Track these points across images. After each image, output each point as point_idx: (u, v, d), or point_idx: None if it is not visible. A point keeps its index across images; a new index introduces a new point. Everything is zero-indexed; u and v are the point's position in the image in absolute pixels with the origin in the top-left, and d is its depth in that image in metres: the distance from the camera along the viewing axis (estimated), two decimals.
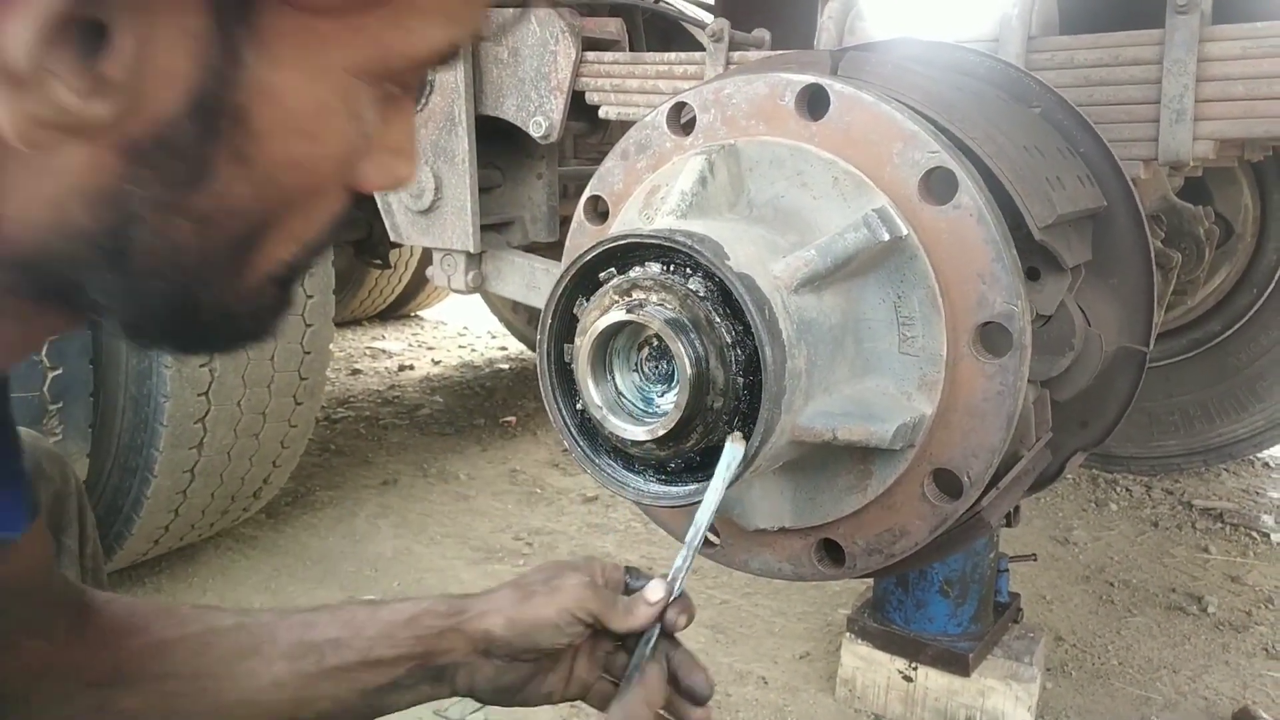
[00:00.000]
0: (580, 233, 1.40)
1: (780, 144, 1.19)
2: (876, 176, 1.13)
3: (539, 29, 2.23)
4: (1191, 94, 1.59)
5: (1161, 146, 1.62)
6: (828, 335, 1.09)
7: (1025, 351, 1.11)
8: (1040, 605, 2.62)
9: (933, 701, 2.06)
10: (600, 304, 1.06)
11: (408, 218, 2.47)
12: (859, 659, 2.12)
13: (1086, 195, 1.43)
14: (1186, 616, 2.60)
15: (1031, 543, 3.00)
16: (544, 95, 2.25)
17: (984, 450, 1.13)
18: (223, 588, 2.64)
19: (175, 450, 2.26)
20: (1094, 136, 1.50)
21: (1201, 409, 3.43)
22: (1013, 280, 1.09)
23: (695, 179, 1.15)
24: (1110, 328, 1.48)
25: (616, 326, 1.05)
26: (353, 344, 5.64)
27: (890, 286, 1.13)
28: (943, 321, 1.11)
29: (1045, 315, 1.35)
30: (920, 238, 1.11)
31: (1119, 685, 2.27)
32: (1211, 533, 3.17)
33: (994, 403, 1.11)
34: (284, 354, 2.44)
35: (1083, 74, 1.68)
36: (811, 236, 1.12)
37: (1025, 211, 1.20)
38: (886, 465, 1.15)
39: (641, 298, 1.03)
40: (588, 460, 1.12)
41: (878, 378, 1.14)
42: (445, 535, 3.03)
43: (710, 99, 1.25)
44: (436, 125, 2.35)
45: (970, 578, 2.02)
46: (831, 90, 1.16)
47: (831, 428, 1.06)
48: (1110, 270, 1.49)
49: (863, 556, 1.22)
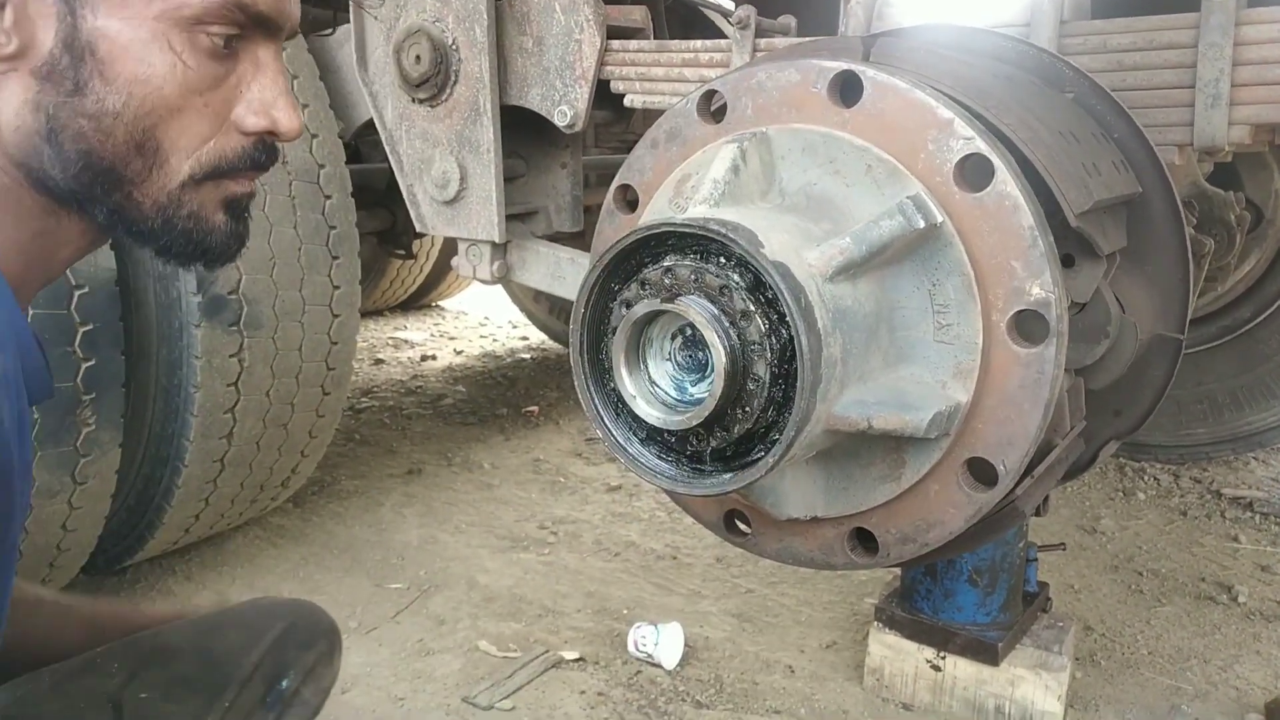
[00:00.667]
0: (610, 222, 1.40)
1: (813, 131, 1.18)
2: (910, 164, 1.12)
3: (563, 17, 2.23)
4: (1227, 78, 1.57)
5: (1197, 131, 1.60)
6: (862, 323, 1.08)
7: (1061, 339, 1.10)
8: (1069, 594, 2.60)
9: (961, 691, 2.05)
10: (634, 293, 1.06)
11: (433, 208, 2.48)
12: (887, 648, 2.12)
13: (1122, 181, 1.41)
14: (1216, 606, 2.58)
15: (1059, 532, 2.98)
16: (569, 84, 2.25)
17: (1019, 439, 1.12)
18: (251, 576, 2.66)
19: (205, 440, 2.28)
20: (1128, 122, 1.49)
21: (1230, 397, 3.39)
22: (1049, 267, 1.08)
23: (727, 167, 1.14)
24: (1145, 315, 1.46)
25: (650, 316, 1.05)
26: (375, 334, 5.67)
27: (925, 274, 1.12)
28: (978, 309, 1.10)
29: (1080, 303, 1.34)
30: (955, 225, 1.10)
31: (1149, 675, 2.26)
32: (1241, 522, 3.14)
33: (1030, 391, 1.10)
34: (311, 345, 2.46)
35: (1116, 58, 1.66)
36: (845, 225, 1.12)
37: (1061, 198, 1.19)
38: (921, 454, 1.15)
39: (675, 287, 1.03)
40: (619, 449, 1.13)
41: (912, 366, 1.13)
42: (470, 524, 3.05)
43: (741, 86, 1.25)
44: (461, 115, 2.35)
45: (999, 567, 2.01)
46: (865, 77, 1.16)
47: (867, 416, 1.05)
48: (1145, 257, 1.47)
49: (896, 546, 1.22)
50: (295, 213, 2.38)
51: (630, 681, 2.19)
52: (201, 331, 2.18)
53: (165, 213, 0.87)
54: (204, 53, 0.84)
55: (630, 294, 1.07)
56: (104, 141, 0.83)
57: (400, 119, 2.47)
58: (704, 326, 0.99)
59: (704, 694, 2.15)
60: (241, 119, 0.88)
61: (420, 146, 2.45)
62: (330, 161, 2.50)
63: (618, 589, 2.64)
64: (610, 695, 2.13)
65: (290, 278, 2.37)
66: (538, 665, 2.23)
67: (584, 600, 2.57)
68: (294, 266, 2.37)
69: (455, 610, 2.51)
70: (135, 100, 0.83)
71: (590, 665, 2.26)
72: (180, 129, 0.86)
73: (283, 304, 2.35)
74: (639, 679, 2.20)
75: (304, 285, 2.40)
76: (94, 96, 0.82)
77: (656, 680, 2.19)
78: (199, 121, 0.87)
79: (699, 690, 2.16)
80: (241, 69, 0.88)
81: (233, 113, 0.88)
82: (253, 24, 0.87)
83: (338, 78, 2.66)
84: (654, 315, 1.05)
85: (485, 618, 2.47)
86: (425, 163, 2.45)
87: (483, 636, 2.37)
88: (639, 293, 1.06)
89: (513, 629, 2.42)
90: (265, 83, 0.89)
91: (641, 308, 1.05)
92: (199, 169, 0.88)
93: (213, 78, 0.86)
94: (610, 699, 2.12)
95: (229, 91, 0.87)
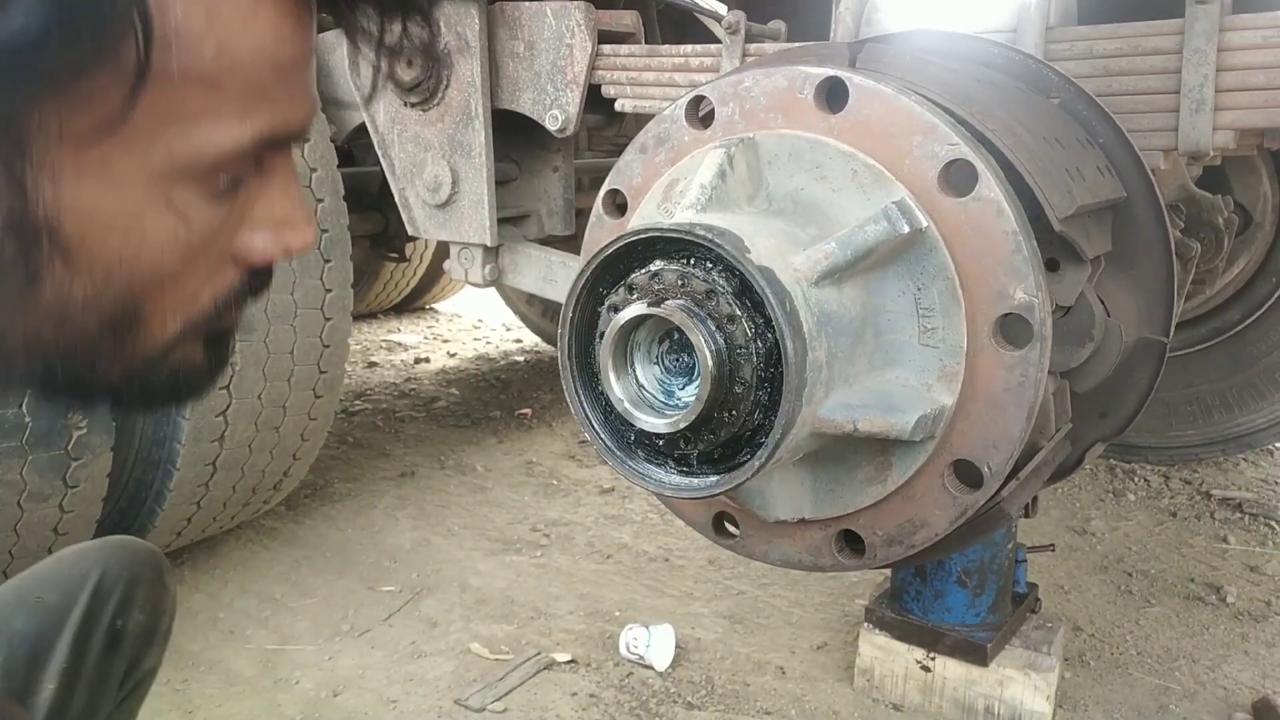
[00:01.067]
0: (599, 226, 1.41)
1: (799, 137, 1.19)
2: (896, 169, 1.13)
3: (554, 22, 2.24)
4: (1211, 84, 1.59)
5: (1181, 136, 1.62)
6: (848, 327, 1.09)
7: (1045, 343, 1.11)
8: (1058, 595, 2.62)
9: (951, 691, 2.06)
10: (622, 297, 1.07)
11: (425, 212, 2.49)
12: (877, 649, 2.13)
13: (1106, 186, 1.43)
14: (1205, 606, 2.60)
15: (1049, 533, 3.00)
16: (560, 89, 2.26)
17: (1004, 441, 1.13)
18: (244, 579, 2.66)
19: (197, 443, 2.28)
20: (1113, 127, 1.50)
21: (1220, 399, 3.41)
22: (1033, 272, 1.09)
23: (714, 172, 1.15)
24: (1130, 318, 1.47)
25: (638, 320, 1.06)
26: (369, 337, 5.67)
27: (910, 279, 1.13)
28: (963, 313, 1.11)
29: (1065, 306, 1.35)
30: (940, 230, 1.11)
31: (1138, 675, 2.27)
32: (1230, 523, 3.15)
33: (1014, 394, 1.12)
34: (303, 348, 2.46)
35: (1102, 64, 1.68)
36: (831, 229, 1.13)
37: (1045, 203, 1.20)
38: (907, 456, 1.16)
39: (662, 291, 1.04)
40: (608, 452, 1.13)
41: (898, 369, 1.15)
42: (463, 527, 3.05)
43: (729, 92, 1.26)
44: (453, 119, 2.36)
45: (988, 568, 2.02)
46: (850, 83, 1.17)
47: (852, 419, 1.06)
48: (1130, 261, 1.48)
49: (883, 547, 1.23)
50: None
51: (622, 683, 2.20)
52: None
53: (138, 378, 0.68)
54: (212, 196, 0.63)
55: (618, 298, 1.08)
56: (69, 336, 0.63)
57: (392, 123, 2.48)
58: (690, 330, 1.00)
59: (695, 695, 2.16)
60: (247, 250, 0.68)
61: (412, 150, 2.46)
62: (322, 165, 2.50)
63: (610, 591, 2.65)
64: (602, 697, 2.14)
65: (282, 281, 2.37)
66: (530, 667, 2.24)
67: (576, 602, 2.58)
68: (286, 270, 2.38)
69: (448, 613, 2.51)
70: (118, 283, 0.62)
71: (582, 667, 2.26)
72: (174, 294, 0.66)
73: (274, 307, 2.35)
74: (631, 681, 2.21)
75: (296, 288, 2.41)
76: (55, 289, 0.60)
77: (648, 682, 2.20)
78: (196, 276, 0.66)
79: (690, 692, 2.17)
80: (246, 189, 0.66)
81: (234, 243, 0.67)
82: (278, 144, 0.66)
83: (330, 81, 2.66)
84: (641, 319, 1.06)
85: (478, 620, 2.48)
86: (417, 166, 2.46)
87: (475, 639, 2.38)
88: (626, 297, 1.07)
89: (505, 631, 2.42)
90: (276, 198, 0.68)
91: (629, 312, 1.06)
92: (190, 325, 0.68)
93: (220, 221, 0.65)
94: (602, 700, 2.12)
95: (233, 226, 0.66)
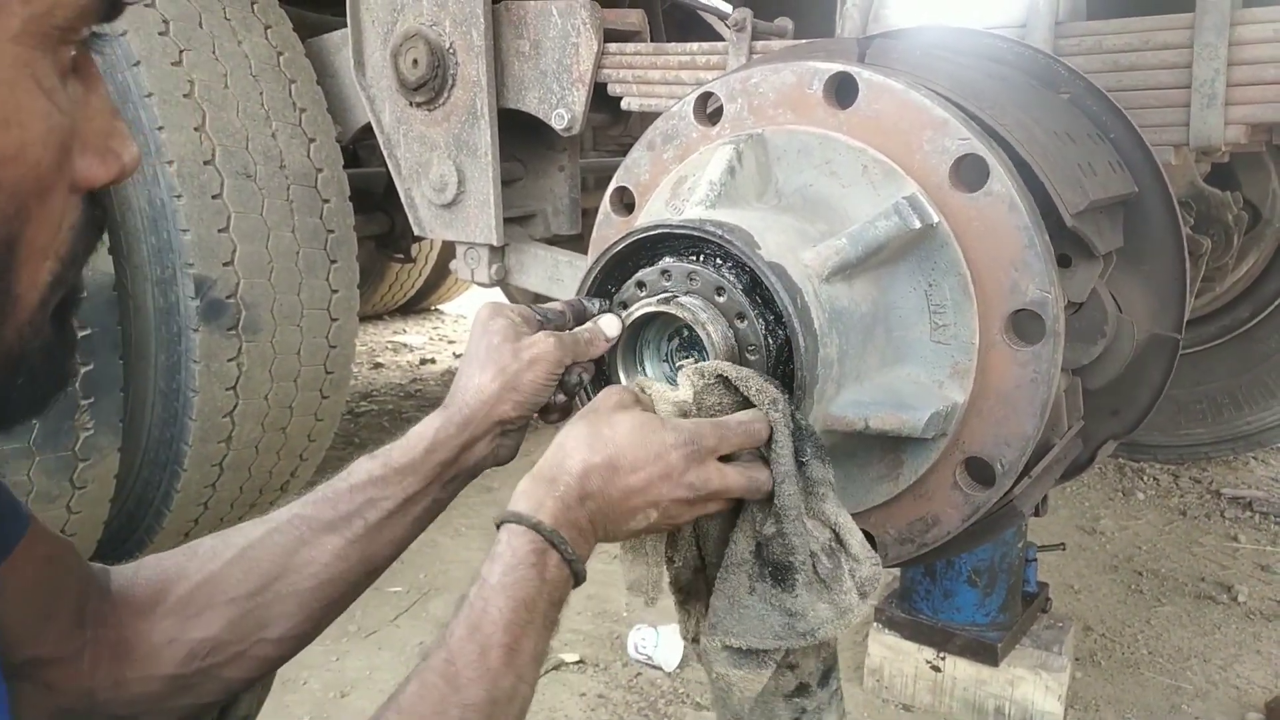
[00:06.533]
0: (607, 224, 1.40)
1: (808, 133, 1.18)
2: (906, 164, 1.12)
3: (560, 21, 2.23)
4: (1223, 78, 1.57)
5: (1193, 131, 1.61)
6: (859, 324, 1.08)
7: (1058, 339, 1.10)
8: (1068, 595, 2.60)
9: (961, 691, 2.05)
10: (631, 295, 1.06)
11: (431, 211, 2.48)
12: (886, 649, 2.12)
13: (1118, 181, 1.41)
14: (1216, 605, 2.58)
15: (1059, 532, 2.98)
16: (566, 88, 2.25)
17: (1017, 438, 1.12)
18: None
19: (204, 444, 2.28)
20: (1124, 122, 1.49)
21: (1230, 396, 3.39)
22: (1045, 267, 1.08)
23: (723, 169, 1.14)
24: (1142, 315, 1.46)
25: (647, 318, 1.05)
26: (374, 338, 5.67)
27: (921, 274, 1.12)
28: (975, 309, 1.10)
29: (1077, 303, 1.34)
30: (951, 225, 1.10)
31: (1149, 674, 2.25)
32: (1240, 521, 3.14)
33: (1027, 390, 1.10)
34: (310, 349, 2.46)
35: (1112, 59, 1.66)
36: (841, 225, 1.12)
37: (1057, 198, 1.19)
38: (918, 454, 1.15)
39: (672, 289, 1.03)
40: None
41: (909, 366, 1.13)
42: (470, 527, 3.05)
43: (737, 88, 1.25)
44: (459, 119, 2.36)
45: (998, 567, 2.01)
46: (860, 78, 1.16)
47: (864, 417, 1.05)
48: (1142, 257, 1.47)
49: (894, 545, 1.22)
50: (293, 217, 2.38)
51: (630, 684, 2.19)
52: (200, 336, 2.19)
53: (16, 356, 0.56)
54: (62, 80, 0.54)
55: (627, 295, 1.07)
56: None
57: (398, 123, 2.47)
58: (700, 327, 0.99)
59: (704, 696, 2.15)
60: (87, 169, 0.57)
61: (418, 150, 2.45)
62: (328, 165, 2.50)
63: (617, 591, 2.64)
64: (610, 697, 2.13)
65: (288, 282, 2.37)
66: None
67: (584, 603, 2.57)
68: (292, 270, 2.37)
69: None
70: (4, 193, 0.52)
71: (590, 667, 2.26)
72: (47, 219, 0.55)
73: (281, 308, 2.35)
74: (639, 681, 2.20)
75: (302, 289, 2.40)
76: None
77: (656, 682, 2.19)
78: (63, 202, 0.56)
79: (699, 692, 2.16)
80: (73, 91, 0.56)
81: (72, 163, 0.56)
82: None
83: (335, 82, 2.66)
84: (651, 316, 1.05)
85: None
86: (423, 166, 2.45)
87: None
88: (636, 294, 1.06)
89: None
90: (101, 108, 0.58)
91: (638, 309, 1.05)
92: (60, 271, 0.57)
93: (72, 116, 0.55)
94: (610, 701, 2.12)
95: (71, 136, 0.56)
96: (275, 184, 2.35)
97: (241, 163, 2.28)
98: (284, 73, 2.47)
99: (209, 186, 2.21)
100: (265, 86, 2.40)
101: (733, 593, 0.96)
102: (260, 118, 2.36)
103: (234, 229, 2.24)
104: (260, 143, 2.34)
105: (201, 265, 2.18)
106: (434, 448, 1.00)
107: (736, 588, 0.96)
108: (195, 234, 2.17)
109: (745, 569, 0.96)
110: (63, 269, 0.57)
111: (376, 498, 0.99)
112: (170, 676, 0.91)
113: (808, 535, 0.94)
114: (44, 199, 0.54)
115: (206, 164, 2.21)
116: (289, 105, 2.44)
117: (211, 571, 0.95)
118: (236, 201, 2.25)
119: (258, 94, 2.37)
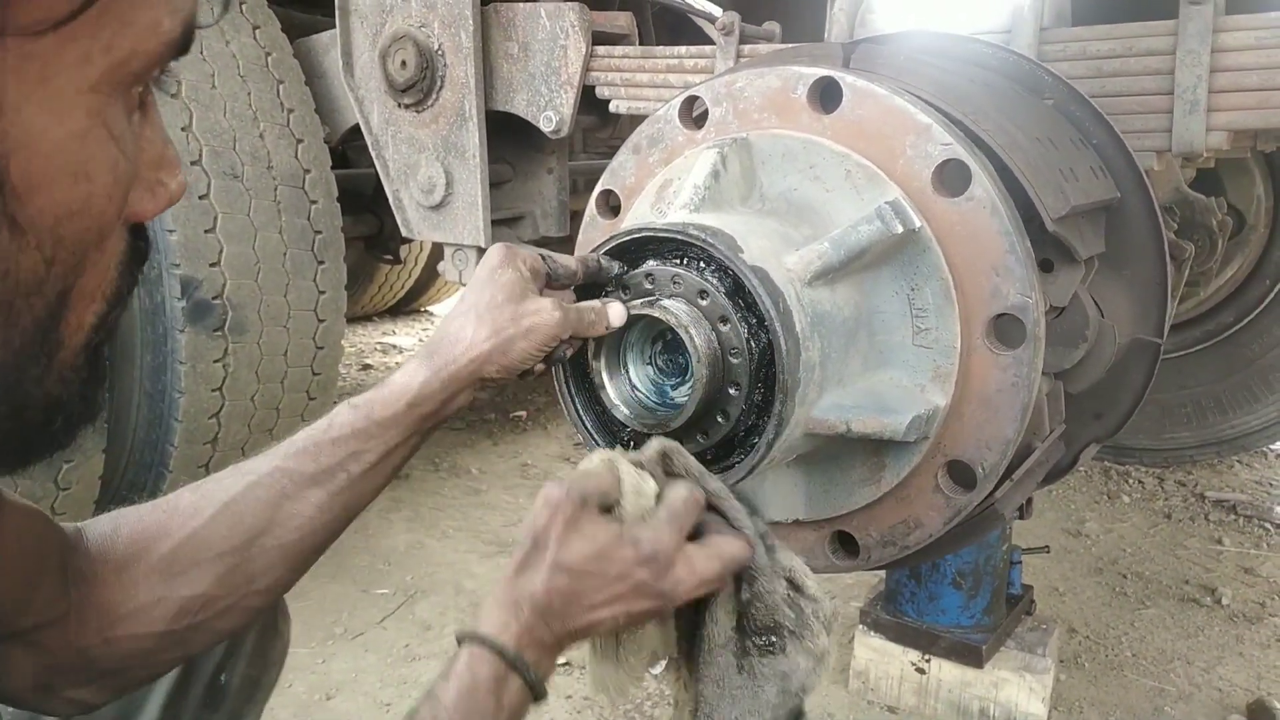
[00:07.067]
0: (592, 227, 1.41)
1: (793, 137, 1.19)
2: (889, 169, 1.13)
3: (549, 23, 2.24)
4: (1205, 85, 1.59)
5: (1175, 137, 1.62)
6: (841, 328, 1.09)
7: (1039, 343, 1.11)
8: (1053, 597, 2.61)
9: (946, 693, 2.06)
10: (614, 298, 1.07)
11: (419, 213, 2.48)
12: (872, 651, 2.13)
13: (1100, 187, 1.42)
14: (1200, 608, 2.60)
15: (1044, 535, 3.00)
16: (554, 90, 2.25)
17: (998, 442, 1.13)
18: None
19: (190, 445, 2.27)
20: (1107, 128, 1.50)
21: (1214, 400, 3.42)
22: (1026, 272, 1.09)
23: (708, 172, 1.15)
24: (1124, 319, 1.47)
25: (630, 321, 1.05)
26: (363, 339, 5.66)
27: (904, 279, 1.13)
28: (956, 313, 1.11)
29: (1059, 307, 1.35)
30: (933, 230, 1.11)
31: (1133, 677, 2.27)
32: (1225, 524, 3.16)
33: (1008, 394, 1.11)
34: (296, 350, 2.45)
35: (1095, 65, 1.67)
36: (824, 229, 1.12)
37: (1038, 203, 1.20)
38: (900, 457, 1.15)
39: (656, 291, 1.04)
40: None
41: (891, 370, 1.14)
42: (457, 529, 3.05)
43: (722, 92, 1.25)
44: (447, 121, 2.36)
45: (983, 570, 2.02)
46: (844, 83, 1.16)
47: (845, 420, 1.06)
48: (1124, 262, 1.48)
49: (877, 548, 1.22)
50: (280, 217, 2.38)
51: None
52: (186, 336, 2.18)
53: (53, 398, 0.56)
54: (128, 118, 0.53)
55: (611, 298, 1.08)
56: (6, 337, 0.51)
57: (386, 124, 2.47)
58: (683, 330, 1.00)
59: None
60: (137, 203, 0.56)
61: (406, 152, 2.45)
62: (316, 166, 2.50)
63: None
64: (596, 699, 2.13)
65: (275, 282, 2.36)
66: None
67: None
68: (279, 271, 2.37)
69: (442, 615, 2.51)
70: (63, 249, 0.50)
71: (576, 670, 2.26)
72: (101, 265, 0.55)
73: (268, 309, 2.35)
74: None
75: (289, 290, 2.40)
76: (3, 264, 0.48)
77: (642, 684, 2.19)
78: (118, 242, 0.56)
79: None
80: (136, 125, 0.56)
81: None
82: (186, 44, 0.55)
83: (324, 83, 2.66)
84: (634, 319, 1.05)
85: None
86: (411, 168, 2.45)
87: None
88: (619, 297, 1.07)
89: None
90: (159, 138, 0.57)
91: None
92: (105, 311, 0.57)
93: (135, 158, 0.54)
94: (596, 703, 2.12)
95: None
96: (263, 185, 2.35)
97: (229, 163, 2.28)
98: (272, 73, 2.47)
99: (196, 187, 2.20)
100: (253, 87, 2.39)
101: (720, 677, 0.93)
102: (248, 118, 2.36)
103: (221, 230, 2.23)
104: (248, 143, 2.33)
105: (188, 266, 2.17)
106: (417, 401, 1.00)
107: (725, 670, 0.93)
108: (182, 234, 2.16)
109: (730, 648, 0.93)
110: (108, 309, 0.57)
111: (359, 450, 0.99)
112: (161, 633, 0.93)
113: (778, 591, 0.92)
114: (103, 247, 0.54)
115: (193, 164, 2.21)
116: (277, 106, 2.44)
117: (194, 528, 0.95)
118: (223, 202, 2.25)
119: (245, 94, 2.37)
